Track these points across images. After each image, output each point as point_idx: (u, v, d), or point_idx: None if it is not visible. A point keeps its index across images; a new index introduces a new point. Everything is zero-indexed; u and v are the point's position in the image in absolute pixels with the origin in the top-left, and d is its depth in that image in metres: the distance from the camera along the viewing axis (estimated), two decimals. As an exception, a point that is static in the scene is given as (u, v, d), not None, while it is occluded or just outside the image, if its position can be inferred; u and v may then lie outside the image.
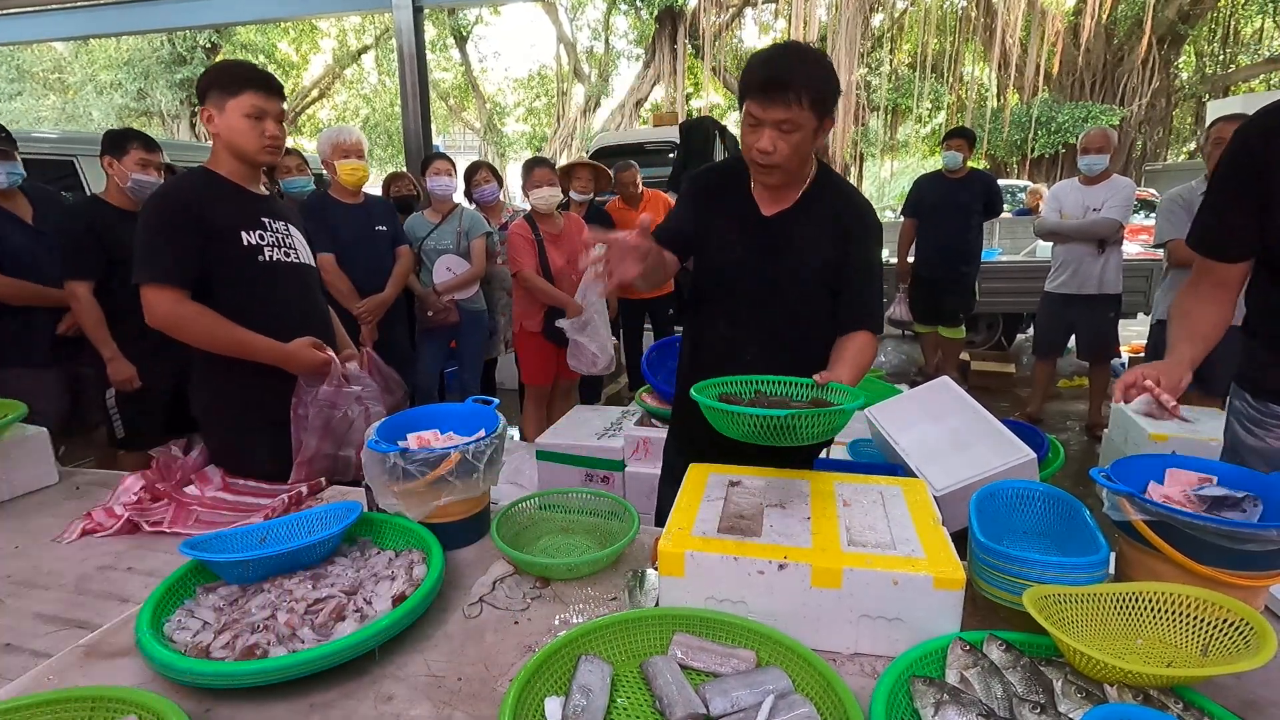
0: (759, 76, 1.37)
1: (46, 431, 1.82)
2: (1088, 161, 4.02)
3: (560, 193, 3.40)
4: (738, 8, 17.10)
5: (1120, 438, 3.10)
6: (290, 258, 1.84)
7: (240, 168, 1.78)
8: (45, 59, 18.71)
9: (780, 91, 1.35)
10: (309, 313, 1.92)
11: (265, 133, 1.73)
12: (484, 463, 1.35)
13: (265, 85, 1.71)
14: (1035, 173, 16.17)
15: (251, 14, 5.74)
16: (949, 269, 4.76)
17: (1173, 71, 15.97)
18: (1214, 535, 1.00)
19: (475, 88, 20.86)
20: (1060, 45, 14.55)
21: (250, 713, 0.95)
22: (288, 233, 1.87)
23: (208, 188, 1.75)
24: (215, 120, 1.72)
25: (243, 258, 1.74)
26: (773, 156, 1.41)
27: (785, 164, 1.43)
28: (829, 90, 1.38)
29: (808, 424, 1.15)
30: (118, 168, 2.64)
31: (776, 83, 1.35)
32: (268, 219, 1.82)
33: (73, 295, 2.52)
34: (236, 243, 1.73)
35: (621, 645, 1.02)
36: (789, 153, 1.40)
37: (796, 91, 1.34)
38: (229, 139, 1.72)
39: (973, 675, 0.91)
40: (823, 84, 1.37)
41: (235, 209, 1.75)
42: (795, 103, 1.35)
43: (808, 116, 1.37)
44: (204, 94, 1.72)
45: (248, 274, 1.75)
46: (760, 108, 1.38)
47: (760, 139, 1.40)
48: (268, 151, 1.76)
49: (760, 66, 1.38)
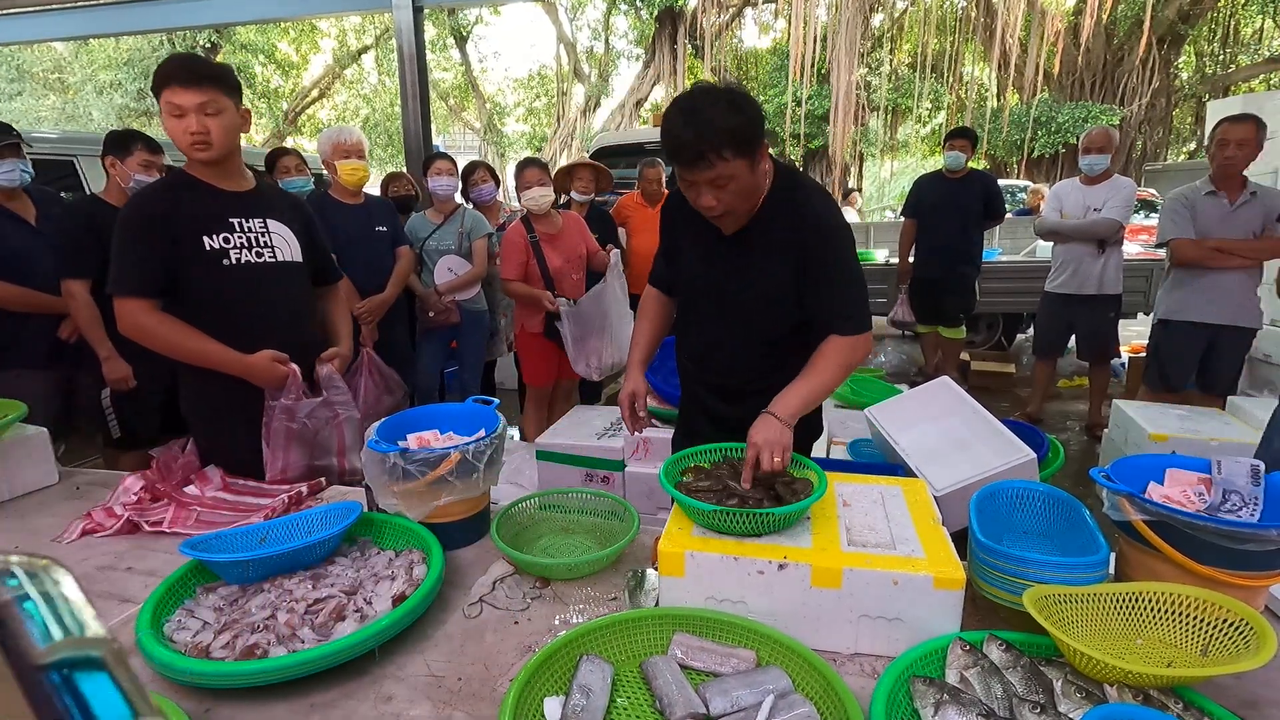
0: (670, 146, 1.34)
1: (46, 431, 1.82)
2: (1089, 161, 4.01)
3: (552, 192, 3.38)
4: (738, 8, 17.10)
5: (1120, 438, 3.10)
6: (264, 258, 1.78)
7: (205, 166, 1.71)
8: (45, 59, 18.70)
9: (697, 159, 1.32)
10: (296, 312, 1.88)
11: (187, 129, 1.63)
12: (484, 463, 1.35)
13: (182, 78, 1.60)
14: (1035, 173, 16.17)
15: (251, 14, 5.73)
16: (948, 269, 4.75)
17: (1173, 71, 15.97)
18: (1214, 535, 1.00)
19: (475, 88, 20.85)
20: (1060, 45, 14.54)
21: (250, 713, 0.95)
22: (265, 230, 1.79)
23: (177, 191, 1.71)
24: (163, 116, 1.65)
25: (206, 262, 1.70)
26: (717, 209, 1.39)
27: (733, 210, 1.42)
28: (748, 133, 1.33)
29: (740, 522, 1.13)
30: (120, 168, 2.64)
31: (689, 151, 1.32)
32: (239, 219, 1.75)
33: (69, 294, 2.52)
34: (199, 248, 1.69)
35: (621, 645, 1.02)
36: (732, 200, 1.39)
37: (714, 151, 1.30)
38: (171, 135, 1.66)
39: (973, 675, 0.91)
40: (737, 131, 1.31)
41: (200, 212, 1.70)
42: (717, 161, 1.31)
43: (736, 165, 1.33)
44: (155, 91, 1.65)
45: (212, 278, 1.71)
46: (682, 170, 1.36)
47: (700, 197, 1.39)
48: (195, 149, 1.65)
49: (669, 136, 1.34)
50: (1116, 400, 3.26)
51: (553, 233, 3.37)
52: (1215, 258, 3.24)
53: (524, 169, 3.39)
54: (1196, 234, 3.29)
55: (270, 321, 1.79)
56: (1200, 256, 3.28)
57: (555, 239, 3.37)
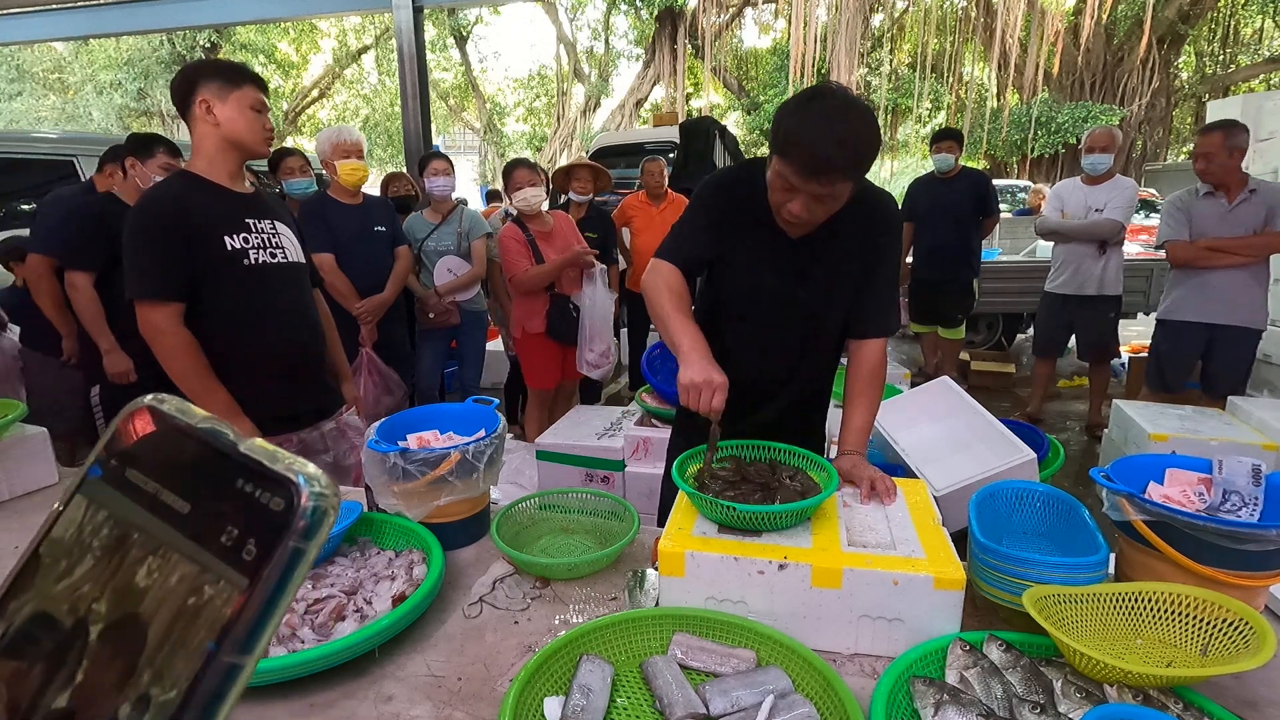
0: (804, 155, 1.23)
1: (46, 431, 1.82)
2: (1092, 160, 4.01)
3: (543, 191, 3.38)
4: (738, 8, 17.11)
5: (1120, 438, 3.10)
6: (278, 258, 1.80)
7: (227, 164, 1.73)
8: (45, 59, 18.70)
9: (825, 174, 1.24)
10: (302, 314, 1.90)
11: (265, 125, 1.73)
12: (484, 463, 1.35)
13: (261, 83, 1.75)
14: (1035, 173, 16.17)
15: (251, 14, 5.75)
16: (945, 270, 4.75)
17: (1173, 71, 15.98)
18: (1214, 535, 1.00)
19: (475, 88, 20.85)
20: (1060, 45, 14.54)
21: (250, 713, 0.95)
22: (274, 231, 1.82)
23: (187, 191, 1.70)
24: (214, 110, 1.67)
25: (227, 263, 1.70)
26: (804, 219, 1.33)
27: (812, 222, 1.35)
28: (872, 156, 1.27)
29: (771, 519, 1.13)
30: (140, 169, 2.65)
31: (825, 166, 1.23)
32: (253, 219, 1.78)
33: (72, 285, 2.53)
34: (220, 247, 1.69)
35: (621, 645, 1.02)
36: (821, 214, 1.33)
37: (842, 172, 1.24)
38: (229, 130, 1.69)
39: (973, 675, 0.91)
40: (868, 153, 1.26)
41: (217, 212, 1.71)
42: (839, 181, 1.25)
43: (847, 186, 1.28)
44: (194, 85, 1.67)
45: (233, 279, 1.71)
46: (799, 179, 1.26)
47: (794, 204, 1.30)
48: (267, 143, 1.76)
49: (808, 144, 1.23)
50: (1116, 400, 3.27)
51: (546, 231, 3.37)
52: (1207, 257, 3.26)
53: (513, 170, 3.39)
54: (1195, 235, 3.31)
55: (282, 321, 1.81)
56: (1192, 257, 3.30)
57: (550, 237, 3.37)
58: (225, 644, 0.25)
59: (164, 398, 0.30)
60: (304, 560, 0.26)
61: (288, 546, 0.26)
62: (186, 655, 0.25)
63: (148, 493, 0.28)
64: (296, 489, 0.26)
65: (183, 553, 0.27)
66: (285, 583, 0.26)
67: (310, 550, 0.26)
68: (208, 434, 0.28)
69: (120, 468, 0.29)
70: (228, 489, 0.27)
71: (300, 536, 0.26)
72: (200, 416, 0.29)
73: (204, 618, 0.25)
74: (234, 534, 0.26)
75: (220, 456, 0.28)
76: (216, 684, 0.25)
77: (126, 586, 0.27)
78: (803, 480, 1.26)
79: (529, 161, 3.49)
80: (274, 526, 0.26)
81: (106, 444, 0.30)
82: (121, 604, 0.27)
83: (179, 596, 0.26)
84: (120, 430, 0.30)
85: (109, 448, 0.30)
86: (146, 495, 0.28)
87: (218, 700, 0.25)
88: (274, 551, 0.26)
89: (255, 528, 0.26)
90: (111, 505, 0.29)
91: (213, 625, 0.25)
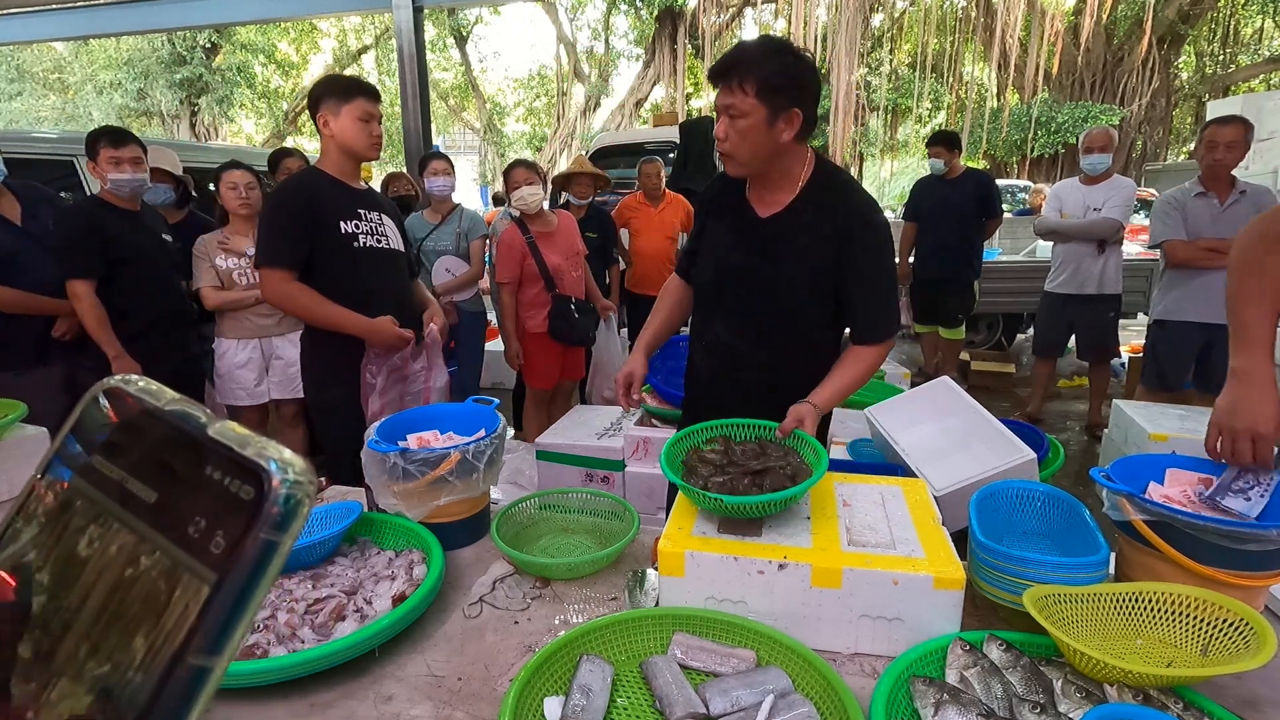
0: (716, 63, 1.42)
1: (46, 431, 1.82)
2: (1090, 161, 4.02)
3: (541, 190, 3.37)
4: (738, 8, 17.09)
5: (1120, 438, 3.10)
6: (381, 244, 2.12)
7: (344, 165, 2.07)
8: (45, 59, 18.70)
9: (723, 77, 1.38)
10: (398, 289, 2.22)
11: (373, 132, 2.03)
12: (484, 463, 1.35)
13: (371, 93, 2.02)
14: (1035, 173, 16.17)
15: (251, 14, 5.74)
16: (946, 270, 4.76)
17: (1173, 71, 15.97)
18: (1214, 535, 1.00)
19: (475, 88, 20.84)
20: (1060, 45, 14.54)
21: (250, 713, 0.95)
22: (380, 222, 2.14)
23: (315, 183, 2.04)
24: (330, 124, 1.99)
25: (340, 243, 2.02)
26: (724, 144, 1.43)
27: (734, 152, 1.44)
28: (780, 81, 1.36)
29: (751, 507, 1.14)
30: (95, 170, 2.61)
31: (721, 67, 1.39)
32: (364, 210, 2.09)
33: (75, 295, 2.50)
34: (335, 231, 2.01)
35: (621, 645, 1.02)
36: (737, 140, 1.42)
37: (739, 76, 1.36)
38: (342, 139, 2.01)
39: (973, 675, 0.91)
40: (772, 74, 1.35)
41: (336, 202, 2.04)
42: (738, 88, 1.37)
43: (752, 104, 1.37)
44: (317, 102, 2.00)
45: (343, 257, 2.03)
46: (718, 95, 1.42)
47: (719, 125, 1.43)
48: (374, 148, 2.05)
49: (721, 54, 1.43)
50: (1116, 400, 3.26)
51: (548, 231, 3.36)
52: (1207, 257, 3.26)
53: (511, 170, 3.38)
54: (1188, 235, 3.31)
55: (383, 297, 2.12)
56: (1192, 257, 3.30)
57: (551, 237, 3.36)
58: (191, 645, 0.23)
59: (131, 378, 0.28)
60: (277, 553, 0.24)
61: (258, 538, 0.24)
62: (152, 657, 0.24)
63: (114, 480, 0.26)
64: (268, 476, 0.24)
65: (149, 545, 0.25)
66: (257, 578, 0.24)
67: (284, 542, 0.24)
68: (176, 416, 0.26)
69: (85, 454, 0.27)
70: (196, 476, 0.25)
71: (272, 528, 0.24)
72: (169, 398, 0.27)
73: (170, 617, 0.24)
74: (201, 525, 0.24)
75: (189, 440, 0.26)
76: (183, 688, 0.23)
77: (89, 583, 0.25)
78: (793, 461, 1.26)
79: (528, 161, 3.48)
80: (244, 517, 0.24)
81: (72, 428, 0.28)
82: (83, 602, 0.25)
83: (143, 593, 0.24)
84: (85, 414, 0.28)
85: (74, 431, 0.28)
86: (112, 483, 0.26)
87: (185, 705, 0.23)
88: (243, 544, 0.24)
89: (224, 518, 0.24)
90: (75, 494, 0.27)
91: (179, 624, 0.24)
